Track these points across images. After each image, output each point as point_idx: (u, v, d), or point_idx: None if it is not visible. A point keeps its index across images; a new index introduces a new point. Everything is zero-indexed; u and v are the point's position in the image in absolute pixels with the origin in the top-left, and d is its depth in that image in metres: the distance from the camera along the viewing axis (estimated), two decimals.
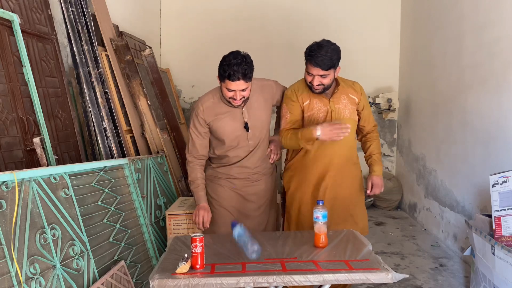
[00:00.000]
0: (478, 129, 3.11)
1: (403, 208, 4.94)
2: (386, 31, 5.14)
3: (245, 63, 2.02)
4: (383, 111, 5.04)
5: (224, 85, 2.08)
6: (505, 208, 2.20)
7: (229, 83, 2.04)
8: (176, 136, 3.84)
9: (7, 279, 1.55)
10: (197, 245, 1.67)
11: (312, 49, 2.14)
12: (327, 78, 2.18)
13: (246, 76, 2.03)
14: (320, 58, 2.11)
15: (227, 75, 2.02)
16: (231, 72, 2.00)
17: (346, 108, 2.29)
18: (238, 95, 2.09)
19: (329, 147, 2.24)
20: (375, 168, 2.36)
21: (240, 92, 2.08)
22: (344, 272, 1.62)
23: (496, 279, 2.16)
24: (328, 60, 2.11)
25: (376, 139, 2.43)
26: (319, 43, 2.16)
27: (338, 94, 2.29)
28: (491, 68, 2.94)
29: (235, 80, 2.02)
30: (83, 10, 3.05)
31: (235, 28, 5.17)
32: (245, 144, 2.28)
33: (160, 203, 2.95)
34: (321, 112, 2.27)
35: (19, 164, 2.32)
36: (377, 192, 2.34)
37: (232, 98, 2.11)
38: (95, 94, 3.00)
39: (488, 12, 2.99)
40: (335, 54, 2.14)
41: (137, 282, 2.38)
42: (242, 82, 2.05)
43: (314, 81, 2.18)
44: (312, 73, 2.17)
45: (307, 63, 2.19)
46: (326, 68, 2.13)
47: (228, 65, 2.01)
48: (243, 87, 2.07)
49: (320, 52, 2.11)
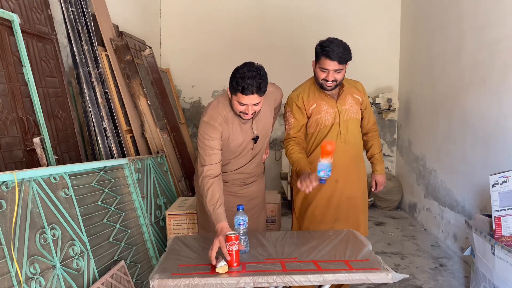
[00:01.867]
0: (478, 129, 3.11)
1: (403, 208, 4.94)
2: (386, 31, 5.14)
3: (259, 76, 1.88)
4: (383, 111, 5.04)
5: (236, 98, 1.93)
6: (505, 208, 2.20)
7: (242, 97, 1.90)
8: (176, 136, 3.84)
9: (7, 279, 1.55)
10: (233, 243, 1.68)
11: (325, 44, 2.11)
12: (341, 73, 2.16)
13: (260, 90, 1.90)
14: (335, 52, 2.08)
15: (241, 89, 1.87)
16: (245, 85, 1.86)
17: (352, 108, 2.29)
18: (250, 110, 1.95)
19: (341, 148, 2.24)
20: (378, 168, 2.45)
21: (253, 106, 1.94)
22: (344, 272, 1.62)
23: (496, 279, 2.16)
24: (345, 54, 2.11)
25: (377, 137, 2.47)
26: (330, 39, 2.14)
27: (344, 95, 2.28)
28: (491, 68, 2.94)
29: (248, 94, 1.88)
30: (83, 10, 3.05)
31: (235, 28, 5.17)
32: (248, 154, 2.22)
33: (160, 203, 2.95)
34: (329, 115, 2.25)
35: (19, 164, 2.32)
36: (381, 189, 2.47)
37: (243, 113, 1.97)
38: (95, 94, 3.00)
39: (488, 12, 2.99)
40: (348, 49, 2.14)
41: (137, 282, 2.38)
42: (256, 97, 1.91)
43: (329, 76, 2.14)
44: (328, 68, 2.13)
45: (321, 58, 2.14)
46: (343, 61, 2.12)
47: (242, 78, 1.86)
48: (257, 101, 1.93)
49: (335, 46, 2.09)
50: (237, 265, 1.69)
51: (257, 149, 2.25)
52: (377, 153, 2.44)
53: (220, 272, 1.63)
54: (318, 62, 2.18)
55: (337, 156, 2.25)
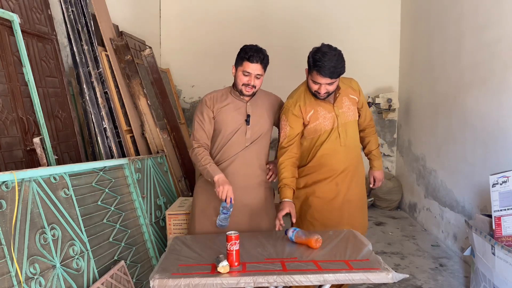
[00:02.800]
0: (478, 129, 3.11)
1: (403, 208, 4.94)
2: (386, 31, 5.14)
3: (263, 52, 2.17)
4: (383, 111, 5.04)
5: (241, 68, 2.16)
6: (505, 208, 2.20)
7: (248, 65, 2.14)
8: (176, 136, 3.84)
9: (7, 279, 1.55)
10: (234, 243, 1.68)
11: (317, 58, 2.05)
12: (333, 85, 2.13)
13: (263, 61, 2.15)
14: (327, 68, 2.03)
15: (248, 57, 2.12)
16: (252, 54, 2.12)
17: (349, 110, 2.27)
18: (252, 80, 2.16)
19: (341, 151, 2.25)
20: (375, 164, 2.46)
21: (255, 78, 2.17)
22: (345, 272, 1.61)
23: (496, 279, 2.16)
24: (337, 69, 2.05)
25: (374, 133, 2.46)
26: (322, 50, 2.06)
27: (340, 97, 2.25)
28: (491, 68, 2.94)
29: (254, 61, 2.13)
30: (83, 10, 3.05)
31: (235, 28, 5.17)
32: (241, 138, 2.23)
33: (160, 203, 2.95)
34: (327, 120, 2.23)
35: (19, 164, 2.32)
36: (379, 185, 2.49)
37: (245, 85, 2.17)
38: (95, 94, 3.00)
39: (488, 12, 2.99)
40: (342, 61, 2.08)
41: (137, 282, 2.38)
42: (259, 67, 2.15)
43: (321, 89, 2.12)
44: (320, 82, 2.10)
45: (313, 73, 2.10)
46: (335, 76, 2.08)
47: (250, 49, 2.14)
48: (259, 72, 2.16)
49: (327, 61, 2.02)
50: (237, 265, 1.69)
51: (251, 135, 2.25)
52: (374, 149, 2.44)
53: (221, 271, 1.63)
54: (310, 74, 2.14)
55: (337, 160, 2.26)
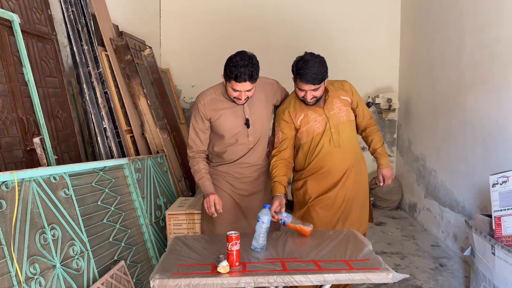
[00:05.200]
0: (478, 129, 3.11)
1: (403, 208, 4.94)
2: (386, 31, 5.13)
3: (251, 64, 2.02)
4: (383, 111, 5.04)
5: (230, 85, 2.09)
6: (505, 208, 2.20)
7: (235, 84, 2.05)
8: (176, 136, 3.84)
9: (7, 279, 1.55)
10: (235, 243, 1.68)
11: (299, 67, 2.12)
12: (319, 90, 2.18)
13: (252, 77, 2.04)
14: (309, 75, 2.09)
15: (234, 77, 2.02)
16: (238, 73, 2.00)
17: (341, 111, 2.29)
18: (243, 95, 2.10)
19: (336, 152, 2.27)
20: (383, 161, 2.41)
21: (245, 92, 2.10)
22: (345, 272, 1.61)
23: (496, 279, 2.16)
24: (319, 75, 2.11)
25: (376, 131, 2.44)
26: (305, 58, 2.13)
27: (330, 99, 2.28)
28: (491, 68, 2.94)
29: (241, 81, 2.03)
30: (83, 10, 3.05)
31: (235, 28, 5.16)
32: (245, 141, 2.27)
33: (160, 203, 2.95)
34: (318, 123, 2.27)
35: (19, 164, 2.32)
36: (389, 183, 2.42)
37: (237, 98, 2.13)
38: (95, 94, 3.00)
39: (488, 12, 2.99)
40: (323, 67, 2.14)
41: (137, 282, 2.38)
42: (248, 84, 2.06)
43: (307, 96, 2.18)
44: (304, 89, 2.16)
45: (297, 80, 2.17)
46: (318, 82, 2.13)
47: (235, 67, 2.00)
48: (249, 88, 2.08)
49: (309, 68, 2.09)
50: (237, 265, 1.69)
51: (254, 137, 2.29)
52: (379, 147, 2.41)
53: (221, 272, 1.63)
54: (296, 82, 2.20)
55: (333, 161, 2.28)
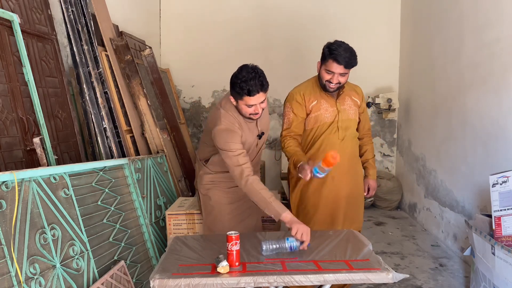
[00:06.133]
0: (478, 129, 3.11)
1: (403, 208, 4.94)
2: (386, 31, 5.14)
3: (258, 75, 1.96)
4: (383, 111, 5.04)
5: (243, 102, 2.00)
6: (505, 208, 2.20)
7: (249, 99, 1.97)
8: (176, 136, 3.84)
9: (7, 279, 1.55)
10: (235, 243, 1.69)
11: (333, 48, 2.16)
12: (345, 76, 2.23)
13: (263, 87, 1.98)
14: (343, 56, 2.14)
15: (247, 92, 1.95)
16: (250, 88, 1.94)
17: (351, 109, 2.38)
18: (259, 108, 2.04)
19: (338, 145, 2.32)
20: (371, 172, 2.54)
21: (260, 104, 2.02)
22: (345, 272, 1.62)
23: (496, 279, 2.16)
24: (351, 59, 2.16)
25: (371, 143, 2.58)
26: (338, 42, 2.18)
27: (343, 95, 2.37)
28: (491, 68, 2.94)
29: (255, 94, 1.96)
30: (83, 10, 3.05)
31: (235, 29, 5.17)
32: (253, 151, 2.28)
33: (160, 203, 2.95)
34: (328, 112, 2.33)
35: (19, 164, 2.31)
36: (372, 194, 2.55)
37: (253, 114, 2.05)
38: (95, 94, 3.00)
39: (488, 12, 2.99)
40: (355, 54, 2.18)
41: (137, 282, 2.38)
42: (261, 95, 1.99)
43: (334, 79, 2.22)
44: (334, 71, 2.19)
45: (329, 61, 2.19)
46: (349, 66, 2.18)
47: (245, 82, 1.94)
48: (262, 98, 2.01)
49: (344, 50, 2.14)
50: (237, 265, 1.69)
51: (260, 145, 2.33)
52: (371, 158, 2.54)
53: (221, 272, 1.63)
54: (324, 64, 2.23)
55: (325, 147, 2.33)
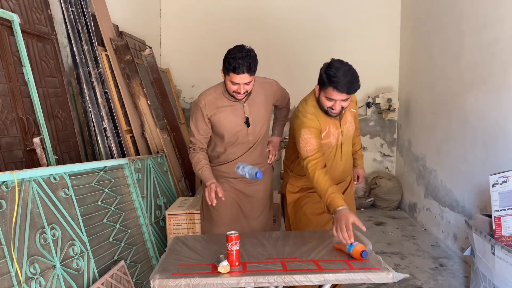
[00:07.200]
0: (478, 129, 3.11)
1: (403, 208, 4.94)
2: (386, 31, 5.13)
3: (249, 56, 2.04)
4: (383, 111, 5.04)
5: (229, 78, 2.10)
6: (505, 208, 2.20)
7: (234, 76, 2.06)
8: (176, 136, 3.84)
9: (7, 279, 1.55)
10: (235, 243, 1.68)
11: (332, 74, 1.94)
12: (348, 101, 2.03)
13: (250, 69, 2.05)
14: (343, 82, 1.93)
15: (232, 68, 2.03)
16: (236, 65, 2.02)
17: (351, 125, 2.24)
18: (242, 89, 2.11)
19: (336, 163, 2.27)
20: (360, 162, 2.61)
21: (244, 85, 2.10)
22: (345, 272, 1.61)
23: (496, 279, 2.16)
24: (353, 82, 1.96)
25: (358, 135, 2.58)
26: (335, 65, 1.96)
27: (345, 112, 2.19)
28: (491, 68, 2.94)
29: (240, 73, 2.04)
30: (83, 10, 3.05)
31: (235, 29, 5.16)
32: (245, 140, 2.28)
33: (160, 203, 2.95)
34: (334, 137, 2.18)
35: (19, 164, 2.32)
36: (361, 181, 2.64)
37: (236, 92, 2.13)
38: (95, 94, 3.00)
39: (488, 12, 2.99)
40: (356, 76, 1.98)
41: (137, 282, 2.37)
42: (246, 76, 2.06)
43: (336, 106, 2.02)
44: (335, 98, 1.99)
45: (329, 89, 1.98)
46: (352, 92, 1.98)
47: (234, 58, 2.03)
48: (247, 80, 2.09)
49: (343, 76, 1.93)
50: (238, 265, 1.69)
51: (254, 136, 2.29)
52: (359, 149, 2.58)
53: (221, 272, 1.63)
54: (323, 91, 2.02)
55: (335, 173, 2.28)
